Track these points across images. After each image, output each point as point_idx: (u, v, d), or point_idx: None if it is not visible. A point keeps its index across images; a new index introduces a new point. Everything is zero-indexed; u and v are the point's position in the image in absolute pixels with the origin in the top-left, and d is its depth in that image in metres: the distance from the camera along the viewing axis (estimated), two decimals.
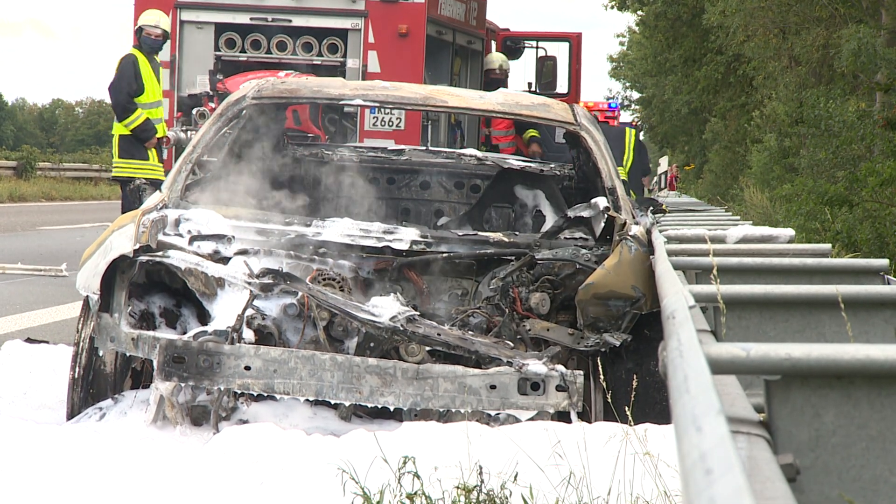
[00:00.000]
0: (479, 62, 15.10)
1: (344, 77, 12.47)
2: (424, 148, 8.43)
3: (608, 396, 5.10)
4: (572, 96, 15.62)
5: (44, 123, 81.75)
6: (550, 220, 7.09)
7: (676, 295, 3.11)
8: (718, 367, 2.27)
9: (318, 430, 5.16)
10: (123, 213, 7.57)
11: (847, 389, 2.23)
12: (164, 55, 13.31)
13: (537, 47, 16.45)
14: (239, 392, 5.32)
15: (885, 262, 4.20)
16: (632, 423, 4.38)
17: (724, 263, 4.51)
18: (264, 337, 5.45)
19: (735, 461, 1.51)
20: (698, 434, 1.66)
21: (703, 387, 1.89)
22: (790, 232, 5.73)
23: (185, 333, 5.49)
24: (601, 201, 6.02)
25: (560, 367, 5.27)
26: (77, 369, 5.61)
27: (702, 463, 1.54)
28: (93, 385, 5.63)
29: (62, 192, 33.87)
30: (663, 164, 50.85)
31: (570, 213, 6.17)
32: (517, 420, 5.17)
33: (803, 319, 3.54)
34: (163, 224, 5.73)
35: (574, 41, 16.08)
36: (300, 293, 5.45)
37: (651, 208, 7.18)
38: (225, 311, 5.46)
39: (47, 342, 7.66)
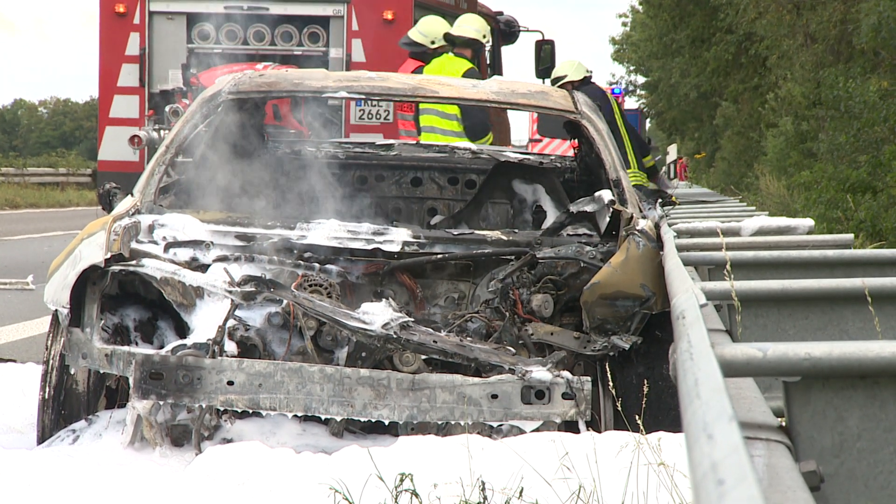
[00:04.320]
0: None
1: (327, 68, 12.47)
2: (415, 142, 8.43)
3: (618, 404, 5.11)
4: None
5: (5, 125, 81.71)
6: (552, 216, 7.10)
7: (687, 293, 3.12)
8: (733, 369, 2.28)
9: (307, 448, 5.17)
10: None
11: (872, 390, 2.24)
12: (132, 49, 13.31)
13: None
14: (222, 409, 5.32)
15: None
16: (644, 432, 4.39)
17: (739, 258, 4.52)
18: (248, 349, 5.45)
19: (749, 471, 1.52)
20: (709, 442, 1.66)
21: (715, 391, 1.90)
22: (809, 222, 5.75)
23: (162, 348, 5.50)
24: (606, 194, 6.03)
25: (566, 374, 5.27)
26: (47, 389, 5.61)
27: (713, 473, 1.55)
28: (64, 406, 5.63)
29: (27, 198, 33.87)
30: (672, 152, 50.87)
31: (573, 208, 6.18)
32: (521, 431, 5.18)
33: (824, 316, 3.55)
34: (136, 231, 5.73)
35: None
36: (285, 301, 5.45)
37: (660, 200, 7.19)
38: (205, 322, 5.46)
39: (14, 361, 7.66)
